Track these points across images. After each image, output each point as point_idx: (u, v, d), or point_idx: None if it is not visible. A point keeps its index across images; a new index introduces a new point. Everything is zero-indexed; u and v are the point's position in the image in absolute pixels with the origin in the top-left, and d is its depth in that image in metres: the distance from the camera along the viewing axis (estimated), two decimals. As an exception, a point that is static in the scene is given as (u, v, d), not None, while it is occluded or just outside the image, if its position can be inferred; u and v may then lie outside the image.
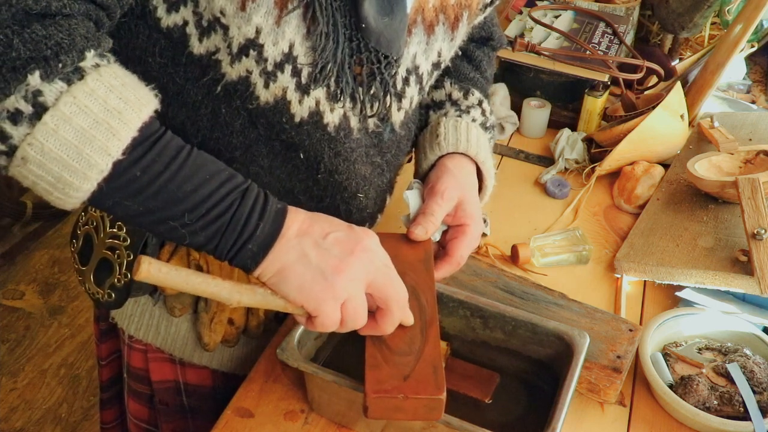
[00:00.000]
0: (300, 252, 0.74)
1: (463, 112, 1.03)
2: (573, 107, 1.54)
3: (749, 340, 1.02)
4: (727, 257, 1.11)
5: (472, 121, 1.02)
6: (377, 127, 0.91)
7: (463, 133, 1.00)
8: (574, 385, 0.84)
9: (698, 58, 1.63)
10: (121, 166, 0.67)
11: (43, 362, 2.36)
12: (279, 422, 0.91)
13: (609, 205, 1.35)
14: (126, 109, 0.67)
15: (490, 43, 1.12)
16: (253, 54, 0.76)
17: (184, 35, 0.77)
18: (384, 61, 0.82)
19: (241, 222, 0.72)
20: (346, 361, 0.94)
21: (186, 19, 0.76)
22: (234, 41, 0.75)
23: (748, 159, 1.29)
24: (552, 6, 1.76)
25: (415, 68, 0.90)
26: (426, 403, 0.74)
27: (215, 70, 0.79)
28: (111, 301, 0.94)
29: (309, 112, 0.82)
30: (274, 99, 0.80)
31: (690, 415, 0.92)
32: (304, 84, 0.80)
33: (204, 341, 0.99)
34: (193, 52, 0.78)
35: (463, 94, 1.04)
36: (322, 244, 0.74)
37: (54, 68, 0.63)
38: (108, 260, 0.94)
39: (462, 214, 0.94)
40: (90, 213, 0.97)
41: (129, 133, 0.67)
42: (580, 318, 1.04)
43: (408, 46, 0.86)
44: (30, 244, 2.81)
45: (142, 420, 1.15)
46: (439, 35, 0.89)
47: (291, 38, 0.76)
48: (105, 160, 0.66)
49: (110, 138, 0.66)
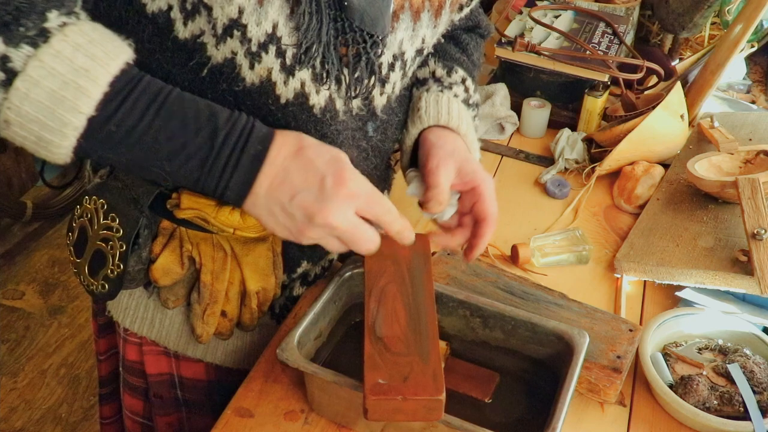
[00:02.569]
0: (268, 210, 0.76)
1: (446, 88, 1.01)
2: (573, 107, 1.54)
3: (749, 340, 1.02)
4: (727, 257, 1.11)
5: (454, 97, 1.00)
6: (360, 110, 0.91)
7: (444, 106, 0.98)
8: (574, 384, 0.84)
9: (698, 58, 1.63)
10: (96, 122, 0.70)
11: (43, 362, 2.36)
12: (279, 422, 0.91)
13: (609, 205, 1.35)
14: (94, 67, 0.68)
15: (477, 30, 1.11)
16: (237, 35, 0.77)
17: (169, 20, 0.78)
18: (369, 40, 0.82)
19: (216, 173, 0.74)
20: (346, 361, 0.94)
21: (170, 3, 0.77)
22: (218, 22, 0.76)
23: (748, 159, 1.29)
24: (552, 6, 1.76)
25: (401, 54, 0.90)
26: (425, 404, 0.74)
27: (201, 54, 0.79)
28: (104, 292, 0.95)
29: (294, 94, 0.83)
30: (260, 80, 0.81)
31: (690, 415, 0.92)
32: (288, 65, 0.80)
33: (197, 333, 1.00)
34: (179, 37, 0.79)
35: (447, 72, 1.03)
36: (288, 207, 0.75)
37: (16, 33, 0.65)
38: (102, 251, 0.94)
39: (467, 178, 0.92)
40: (85, 206, 0.97)
41: (99, 90, 0.69)
42: (580, 318, 1.04)
43: (395, 32, 0.86)
44: (30, 244, 2.81)
45: (137, 414, 1.15)
46: (424, 22, 0.90)
47: (274, 18, 0.76)
48: (78, 118, 0.68)
49: (80, 96, 0.68)
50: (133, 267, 0.94)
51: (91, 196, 0.96)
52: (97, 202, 0.94)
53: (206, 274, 0.96)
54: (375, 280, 0.85)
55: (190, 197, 0.92)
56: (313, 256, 1.04)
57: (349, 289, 0.98)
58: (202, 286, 0.97)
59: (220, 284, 0.97)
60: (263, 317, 1.05)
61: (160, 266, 0.95)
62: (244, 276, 0.97)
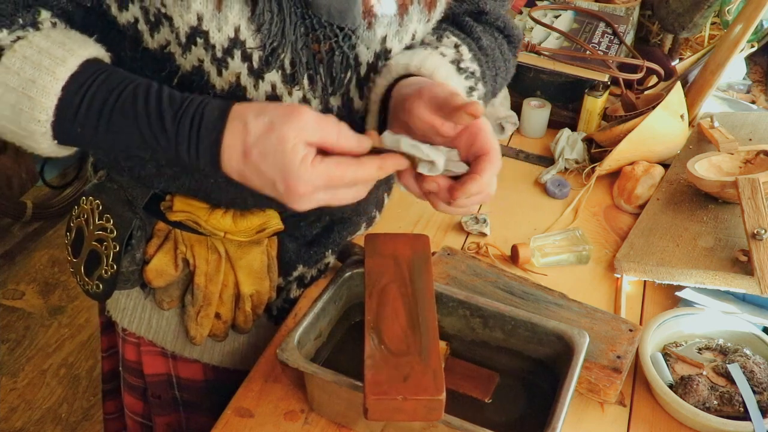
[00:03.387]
0: (243, 179, 0.73)
1: (431, 48, 0.85)
2: (573, 107, 1.54)
3: (749, 340, 1.02)
4: (727, 257, 1.11)
5: (440, 55, 0.84)
6: (340, 111, 0.88)
7: (418, 56, 0.82)
8: (574, 384, 0.84)
9: (698, 58, 1.63)
10: (60, 126, 0.74)
11: (43, 362, 2.36)
12: (279, 422, 0.91)
13: (609, 205, 1.35)
14: (40, 77, 0.71)
15: (484, 18, 0.96)
16: (201, 42, 0.77)
17: (137, 32, 0.79)
18: (341, 33, 0.81)
19: (183, 158, 0.74)
20: (346, 361, 0.94)
21: (136, 16, 0.78)
22: (180, 31, 0.76)
23: (748, 159, 1.29)
24: (552, 6, 1.76)
25: (385, 51, 0.85)
26: (426, 404, 0.74)
27: (170, 63, 0.80)
28: (99, 292, 0.96)
29: (266, 97, 0.82)
30: (229, 86, 0.80)
31: (690, 415, 0.92)
32: (256, 68, 0.79)
33: (191, 334, 1.00)
34: (149, 48, 0.80)
35: (437, 38, 0.88)
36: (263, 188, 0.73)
37: None
38: (96, 252, 0.94)
39: (480, 143, 0.75)
40: (82, 206, 0.98)
41: (50, 99, 0.72)
42: (580, 318, 1.04)
43: (374, 27, 0.82)
44: (30, 244, 2.81)
45: (137, 413, 1.16)
46: (414, 16, 0.86)
47: (235, 22, 0.76)
48: (39, 126, 0.73)
49: (35, 107, 0.72)
50: (127, 268, 0.94)
51: (87, 197, 0.96)
52: (93, 203, 0.95)
53: (200, 276, 0.96)
54: (375, 280, 0.85)
55: (182, 200, 0.92)
56: (309, 260, 1.04)
57: (349, 289, 0.98)
58: (195, 288, 0.97)
59: (214, 286, 0.97)
60: (260, 319, 1.05)
61: (153, 267, 0.95)
62: (238, 279, 0.97)
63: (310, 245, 1.04)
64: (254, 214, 0.94)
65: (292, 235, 1.00)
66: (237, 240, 0.94)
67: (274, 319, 1.08)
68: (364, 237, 0.90)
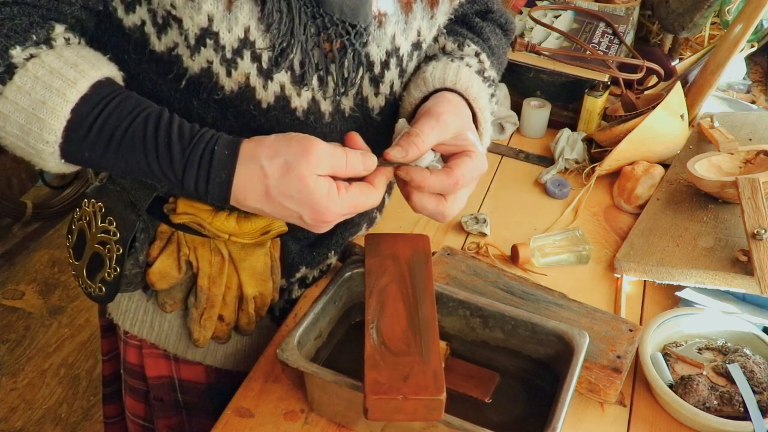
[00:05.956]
0: (259, 213, 0.77)
1: (457, 58, 0.91)
2: (573, 107, 1.54)
3: (749, 340, 1.02)
4: (727, 257, 1.11)
5: (467, 66, 0.90)
6: (354, 112, 0.89)
7: (452, 70, 0.88)
8: (574, 384, 0.84)
9: (698, 58, 1.63)
10: (68, 148, 0.74)
11: (43, 362, 2.36)
12: (279, 422, 0.91)
13: (609, 205, 1.35)
14: (51, 98, 0.72)
15: (491, 16, 1.01)
16: (210, 43, 0.77)
17: (144, 34, 0.79)
18: (353, 30, 0.81)
19: (191, 193, 0.76)
20: (346, 361, 0.94)
21: (143, 18, 0.78)
22: (190, 33, 0.76)
23: (748, 159, 1.29)
24: (552, 6, 1.76)
25: (395, 50, 0.87)
26: (426, 404, 0.74)
27: (178, 66, 0.80)
28: (102, 295, 0.95)
29: (275, 97, 0.82)
30: (239, 87, 0.80)
31: (690, 415, 0.92)
32: (265, 69, 0.80)
33: (194, 337, 1.00)
34: (155, 51, 0.80)
35: (458, 46, 0.93)
36: (285, 219, 0.77)
37: None
38: (99, 255, 0.94)
39: (464, 142, 0.81)
40: (84, 208, 0.97)
41: (59, 121, 0.72)
42: (580, 318, 1.04)
43: (384, 27, 0.84)
44: (30, 244, 2.81)
45: (138, 416, 1.15)
46: (418, 13, 0.87)
47: (245, 23, 0.76)
48: (47, 146, 0.73)
49: (44, 128, 0.72)
50: (130, 270, 0.94)
51: (89, 199, 0.96)
52: (96, 205, 0.94)
53: (203, 279, 0.96)
54: (375, 280, 0.85)
55: (186, 202, 0.92)
56: (311, 261, 1.04)
57: (349, 289, 0.98)
58: (199, 291, 0.97)
59: (217, 289, 0.97)
60: (262, 320, 1.05)
61: (157, 270, 0.95)
62: (242, 281, 0.97)
63: (313, 246, 1.04)
64: (258, 216, 0.94)
65: (294, 237, 1.00)
66: (240, 242, 0.94)
67: (277, 320, 1.08)
68: (364, 237, 0.90)
